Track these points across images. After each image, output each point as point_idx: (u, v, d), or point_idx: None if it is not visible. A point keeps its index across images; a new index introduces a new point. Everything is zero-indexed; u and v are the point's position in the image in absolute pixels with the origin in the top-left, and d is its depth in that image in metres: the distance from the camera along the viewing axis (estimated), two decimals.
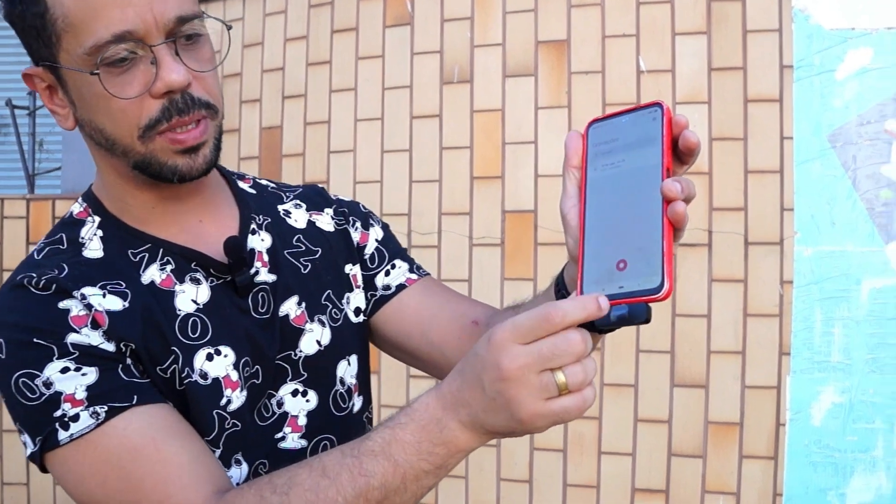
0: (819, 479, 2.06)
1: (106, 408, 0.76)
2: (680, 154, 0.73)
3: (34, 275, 0.81)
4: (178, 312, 0.84)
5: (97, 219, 0.88)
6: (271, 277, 0.91)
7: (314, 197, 1.04)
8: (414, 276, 1.03)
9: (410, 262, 1.06)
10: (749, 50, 2.09)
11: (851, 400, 2.04)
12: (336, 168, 2.36)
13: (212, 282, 0.87)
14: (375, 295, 1.01)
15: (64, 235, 0.87)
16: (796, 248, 2.02)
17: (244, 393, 0.86)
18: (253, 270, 0.90)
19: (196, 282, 0.86)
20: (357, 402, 0.98)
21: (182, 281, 0.86)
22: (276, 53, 2.45)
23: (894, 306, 2.01)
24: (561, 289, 0.84)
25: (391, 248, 1.05)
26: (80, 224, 0.88)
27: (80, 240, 0.87)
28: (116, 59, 0.77)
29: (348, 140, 2.35)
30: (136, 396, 0.78)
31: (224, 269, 0.87)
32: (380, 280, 1.02)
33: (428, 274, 1.06)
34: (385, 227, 1.08)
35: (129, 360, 0.80)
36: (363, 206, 1.08)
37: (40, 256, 0.86)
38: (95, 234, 0.87)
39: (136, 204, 0.87)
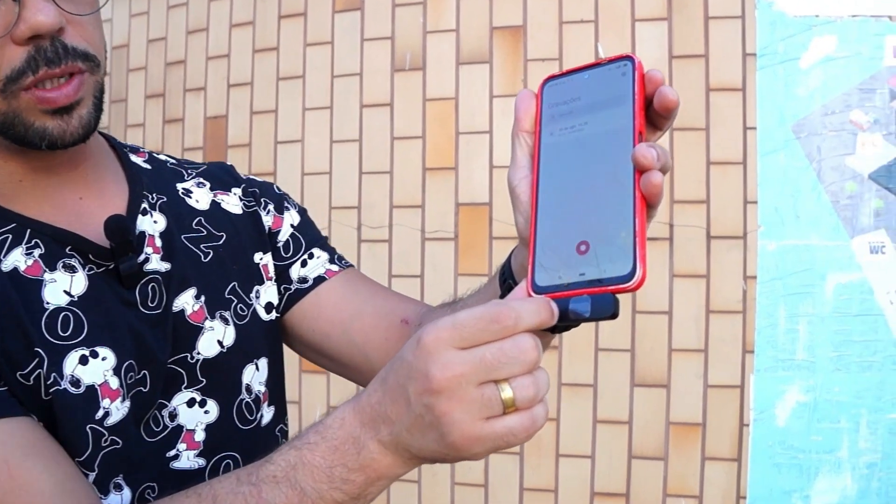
0: (783, 481, 2.01)
1: None
2: (654, 117, 0.62)
3: None
4: (46, 306, 0.70)
5: None
6: (164, 266, 0.78)
7: (221, 175, 0.91)
8: (335, 268, 0.92)
9: (331, 251, 0.94)
10: (711, 37, 2.03)
11: (816, 399, 2.00)
12: (283, 159, 2.27)
13: (90, 270, 0.73)
14: (290, 288, 0.90)
15: None
16: (760, 242, 1.99)
17: (127, 403, 0.72)
18: (142, 257, 0.76)
19: (70, 269, 0.72)
20: (267, 414, 0.85)
21: (53, 268, 0.72)
22: (221, 40, 2.35)
23: (860, 302, 1.97)
24: (507, 278, 0.72)
25: (309, 236, 0.93)
26: None
27: None
28: None
29: (296, 130, 2.26)
30: None
31: (106, 254, 0.74)
32: (295, 271, 0.90)
33: (351, 265, 0.94)
34: (302, 212, 0.95)
35: None
36: (278, 188, 0.95)
37: None
38: None
39: None
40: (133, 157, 0.85)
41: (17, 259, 0.71)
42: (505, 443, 0.54)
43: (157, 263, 0.77)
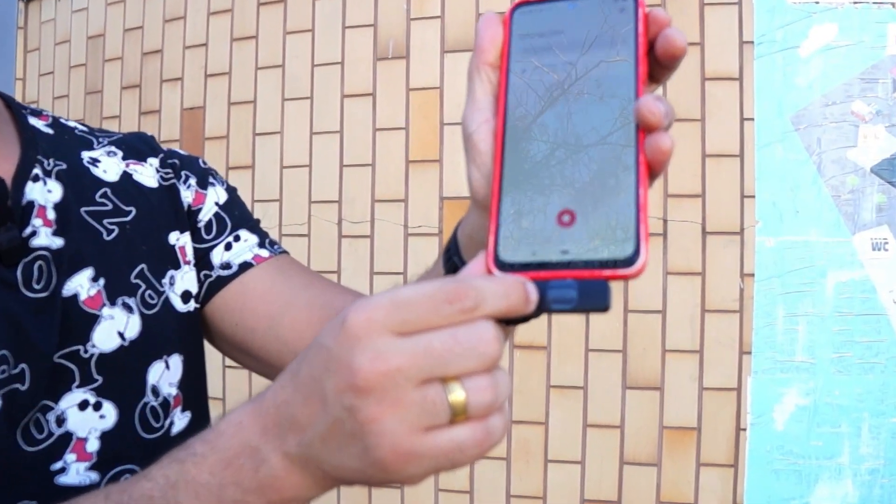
0: (782, 488, 1.96)
1: None
2: (652, 66, 0.52)
3: None
4: None
5: None
6: (56, 242, 0.67)
7: (137, 144, 0.81)
8: (264, 254, 0.81)
9: (262, 235, 0.83)
10: (707, 24, 1.98)
11: (816, 402, 1.94)
12: (261, 151, 2.23)
13: None
14: (210, 275, 0.79)
15: None
16: (758, 238, 1.94)
17: None
18: (28, 230, 0.66)
19: None
20: (179, 421, 0.74)
21: None
22: (198, 28, 2.31)
23: (861, 301, 1.91)
24: (453, 255, 0.60)
25: (236, 216, 0.82)
26: None
27: None
28: None
29: (275, 121, 2.21)
30: None
31: None
32: (217, 256, 0.79)
33: (285, 252, 0.84)
34: (231, 191, 0.85)
35: None
36: (204, 162, 0.85)
37: None
38: None
39: None
40: (32, 120, 0.75)
41: None
42: (449, 462, 0.43)
43: (46, 238, 0.66)
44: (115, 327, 0.68)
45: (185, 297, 0.77)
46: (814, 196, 1.94)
